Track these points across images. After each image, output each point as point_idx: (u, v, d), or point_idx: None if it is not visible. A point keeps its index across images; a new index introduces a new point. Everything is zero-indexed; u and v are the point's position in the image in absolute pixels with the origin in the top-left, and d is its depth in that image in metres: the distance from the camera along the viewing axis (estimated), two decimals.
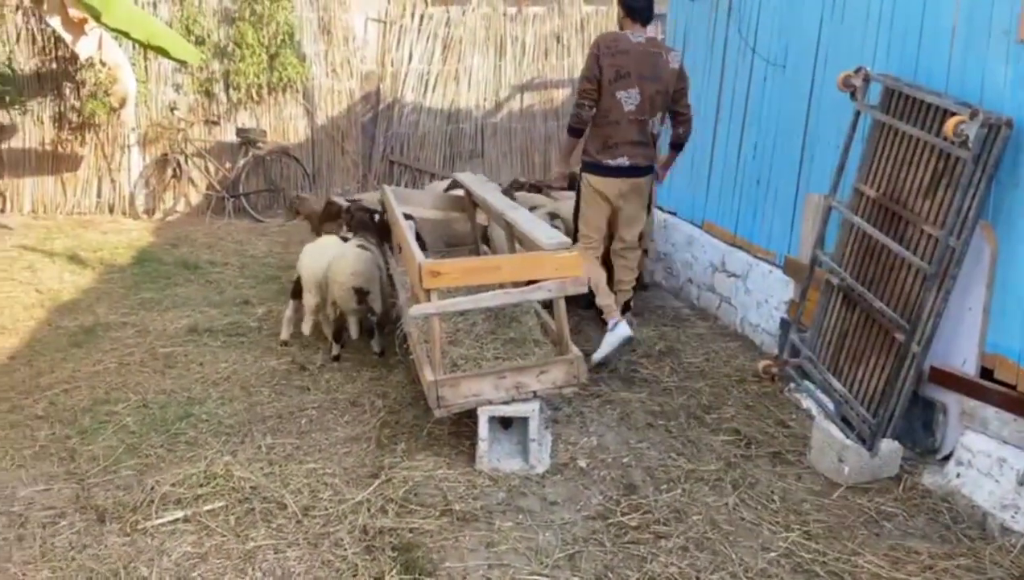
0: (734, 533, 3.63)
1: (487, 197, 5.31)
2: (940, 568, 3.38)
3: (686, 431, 4.54)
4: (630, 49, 5.19)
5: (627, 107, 5.20)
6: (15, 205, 9.90)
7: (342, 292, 5.37)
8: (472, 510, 3.78)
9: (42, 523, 3.76)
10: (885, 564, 3.39)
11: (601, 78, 5.14)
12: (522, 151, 11.23)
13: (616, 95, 5.15)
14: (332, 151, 10.82)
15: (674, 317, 6.34)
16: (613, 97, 5.17)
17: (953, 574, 3.35)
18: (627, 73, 5.16)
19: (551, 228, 4.25)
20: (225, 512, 3.80)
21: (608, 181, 5.35)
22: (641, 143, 5.33)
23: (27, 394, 5.06)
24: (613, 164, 5.31)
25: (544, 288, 3.99)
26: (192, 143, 10.14)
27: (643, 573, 3.34)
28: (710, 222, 6.61)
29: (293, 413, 4.82)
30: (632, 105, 5.21)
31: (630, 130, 5.25)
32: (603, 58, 5.14)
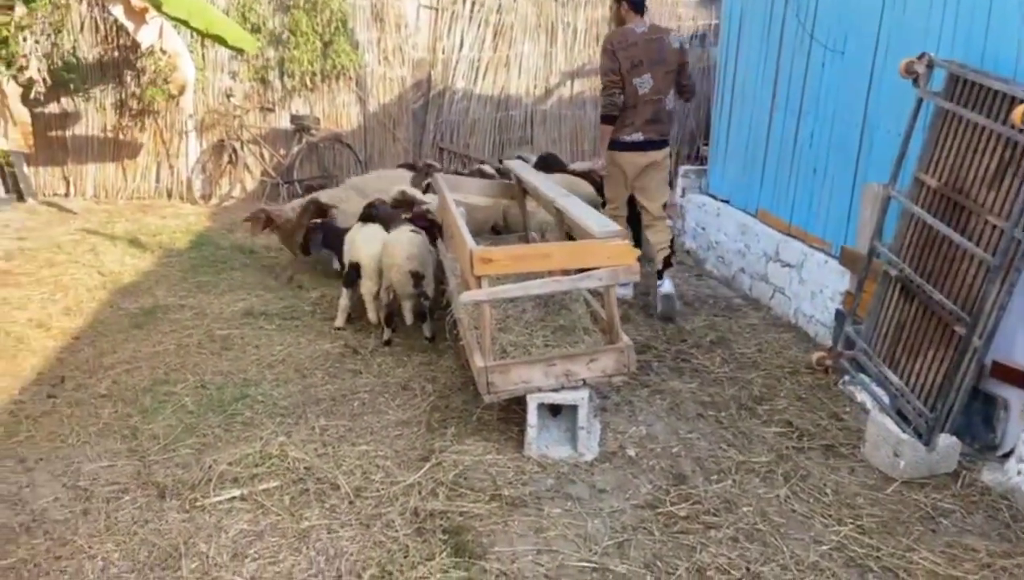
0: (785, 525, 3.60)
1: (538, 184, 5.31)
2: (999, 567, 3.31)
3: (737, 422, 4.51)
4: (637, 41, 5.88)
5: (642, 91, 5.90)
6: (78, 189, 10.19)
7: (399, 276, 5.47)
8: (521, 495, 3.81)
9: (106, 498, 3.89)
10: (941, 561, 3.33)
11: (620, 69, 5.82)
12: (572, 138, 11.19)
13: (633, 82, 5.86)
14: (383, 138, 10.91)
15: (726, 307, 6.27)
16: (631, 84, 5.88)
17: (1012, 573, 3.28)
18: (640, 62, 5.85)
19: (603, 217, 4.23)
20: (280, 492, 3.89)
21: (626, 155, 6.04)
22: (655, 121, 6.01)
23: (91, 373, 5.23)
24: (629, 140, 6.00)
25: (595, 276, 3.98)
26: (247, 130, 10.31)
27: (692, 563, 3.34)
28: (765, 211, 6.52)
29: (346, 396, 4.90)
30: (646, 88, 5.90)
31: (645, 110, 5.95)
32: (618, 52, 5.84)
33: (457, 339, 5.20)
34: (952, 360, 3.94)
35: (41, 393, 4.96)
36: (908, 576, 3.26)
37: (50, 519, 3.73)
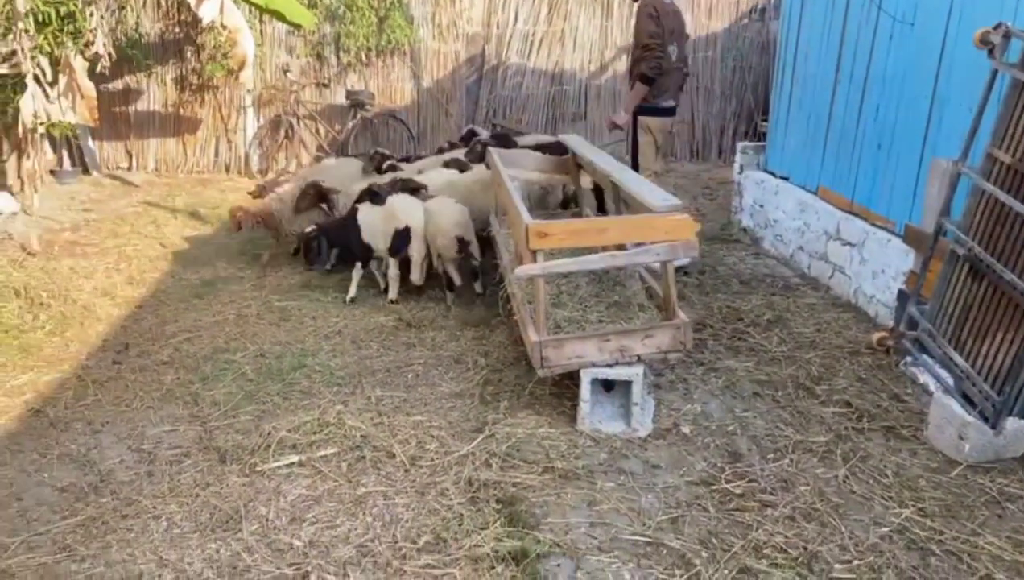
0: (844, 506, 3.53)
1: (593, 159, 5.26)
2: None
3: (794, 402, 4.43)
4: (669, 12, 6.26)
5: (673, 58, 6.27)
6: (140, 163, 10.43)
7: (446, 241, 5.75)
8: (574, 469, 3.81)
9: (169, 461, 4.01)
10: (1008, 547, 3.24)
11: (663, 34, 6.12)
12: None
13: (667, 49, 6.19)
14: (436, 113, 10.93)
15: (783, 286, 6.16)
16: (665, 51, 6.18)
17: None
18: (672, 31, 6.22)
19: (662, 190, 4.17)
20: (337, 458, 3.96)
21: (660, 120, 6.40)
22: (679, 89, 6.50)
23: (154, 341, 5.38)
24: (664, 105, 6.36)
25: (652, 251, 3.93)
26: (303, 105, 10.42)
27: (748, 541, 3.30)
28: (825, 188, 6.36)
29: (400, 367, 4.95)
30: (675, 56, 6.29)
31: (675, 77, 6.34)
32: (661, 19, 6.13)
33: (510, 314, 5.20)
34: (1023, 342, 3.80)
35: (107, 359, 5.11)
36: (972, 561, 3.18)
37: (116, 480, 3.85)
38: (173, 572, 3.19)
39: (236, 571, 3.19)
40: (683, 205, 4.01)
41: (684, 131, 11.17)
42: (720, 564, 3.17)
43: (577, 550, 3.25)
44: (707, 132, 11.25)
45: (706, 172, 10.56)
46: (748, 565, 3.17)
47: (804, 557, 3.21)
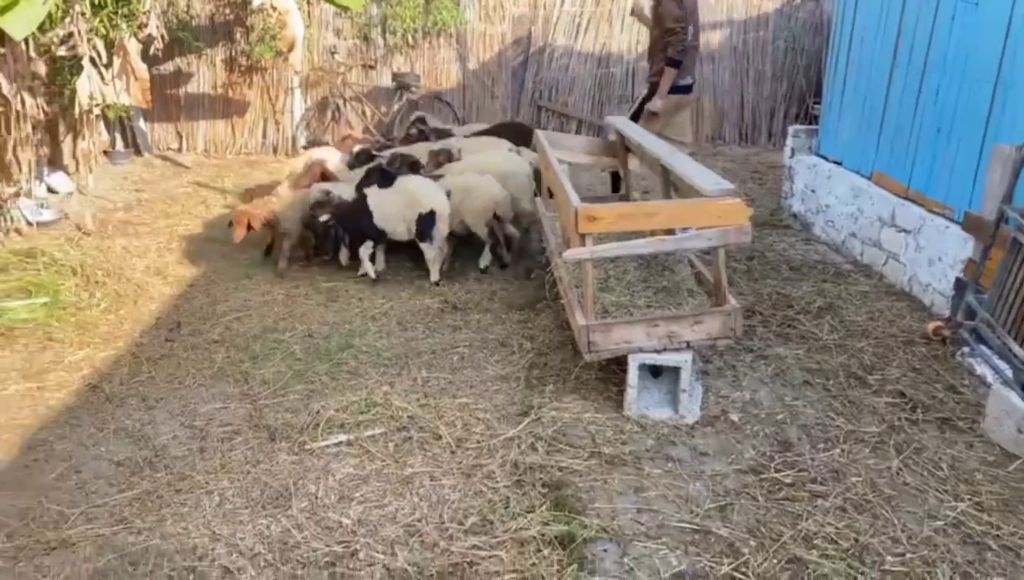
0: (897, 498, 3.47)
1: (642, 141, 5.20)
2: None
3: (846, 391, 4.35)
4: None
5: (690, 37, 6.34)
6: (190, 145, 10.59)
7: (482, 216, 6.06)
8: (620, 454, 3.79)
9: (220, 438, 4.08)
10: None
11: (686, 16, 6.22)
12: None
13: (688, 29, 6.27)
14: (482, 96, 10.90)
15: (834, 273, 6.04)
16: (687, 32, 6.27)
17: None
18: (692, 11, 6.37)
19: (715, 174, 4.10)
20: (384, 439, 4.00)
21: (683, 97, 6.52)
22: (694, 66, 6.62)
23: (204, 320, 5.47)
24: (685, 83, 6.45)
25: (704, 236, 3.88)
26: (350, 87, 10.46)
27: (797, 531, 3.26)
28: (880, 173, 6.21)
29: (446, 350, 4.97)
30: (692, 36, 6.38)
31: (691, 55, 6.49)
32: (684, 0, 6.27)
33: (556, 297, 5.18)
34: None
35: (159, 337, 5.22)
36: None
37: (170, 455, 3.94)
38: (226, 546, 3.26)
39: (287, 547, 3.25)
40: (735, 189, 3.95)
41: (733, 113, 10.99)
42: (769, 553, 3.14)
43: (624, 535, 3.24)
44: (757, 115, 11.05)
45: (755, 156, 10.39)
46: (797, 555, 3.13)
47: (855, 549, 3.16)
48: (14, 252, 6.11)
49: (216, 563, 3.17)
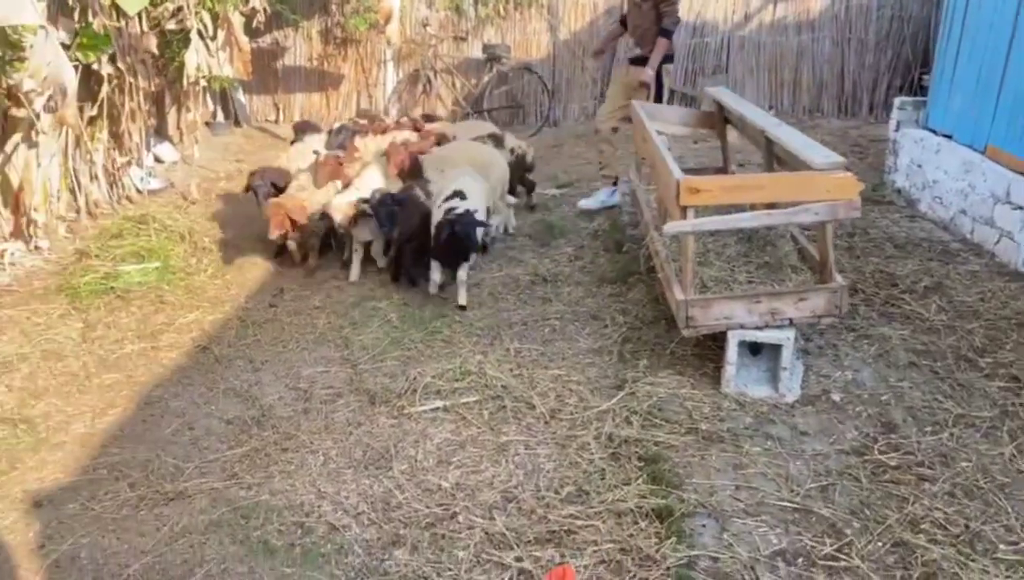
0: (1010, 485, 3.33)
1: (744, 112, 5.07)
2: None
3: (955, 373, 4.18)
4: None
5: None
6: (287, 116, 10.85)
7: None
8: (718, 431, 3.75)
9: (323, 399, 4.23)
10: None
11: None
12: (770, 67, 10.57)
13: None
14: (572, 67, 10.80)
15: (942, 251, 5.78)
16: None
17: None
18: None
19: (824, 147, 3.97)
20: (479, 406, 4.06)
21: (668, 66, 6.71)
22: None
23: (305, 286, 5.64)
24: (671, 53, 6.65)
25: (811, 210, 3.77)
26: (441, 59, 10.53)
27: (903, 514, 3.17)
28: (995, 147, 5.89)
29: (537, 321, 5.00)
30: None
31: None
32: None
33: (650, 271, 5.14)
34: None
35: (263, 302, 5.41)
36: None
37: (276, 415, 4.10)
38: (331, 504, 3.39)
39: (389, 507, 3.35)
40: (846, 162, 3.81)
41: (832, 85, 10.59)
42: (873, 536, 3.07)
43: (723, 512, 3.22)
44: (858, 86, 10.62)
45: (855, 129, 10.00)
46: (904, 539, 3.05)
47: (966, 535, 3.06)
48: (127, 218, 6.41)
49: (323, 520, 3.30)
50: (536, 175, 8.51)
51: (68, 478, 3.63)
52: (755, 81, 10.58)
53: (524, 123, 10.76)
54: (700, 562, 2.97)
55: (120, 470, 3.67)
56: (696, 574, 2.91)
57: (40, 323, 4.98)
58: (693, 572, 2.92)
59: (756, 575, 2.92)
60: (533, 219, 6.88)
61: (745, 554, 3.00)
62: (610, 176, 7.10)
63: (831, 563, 2.96)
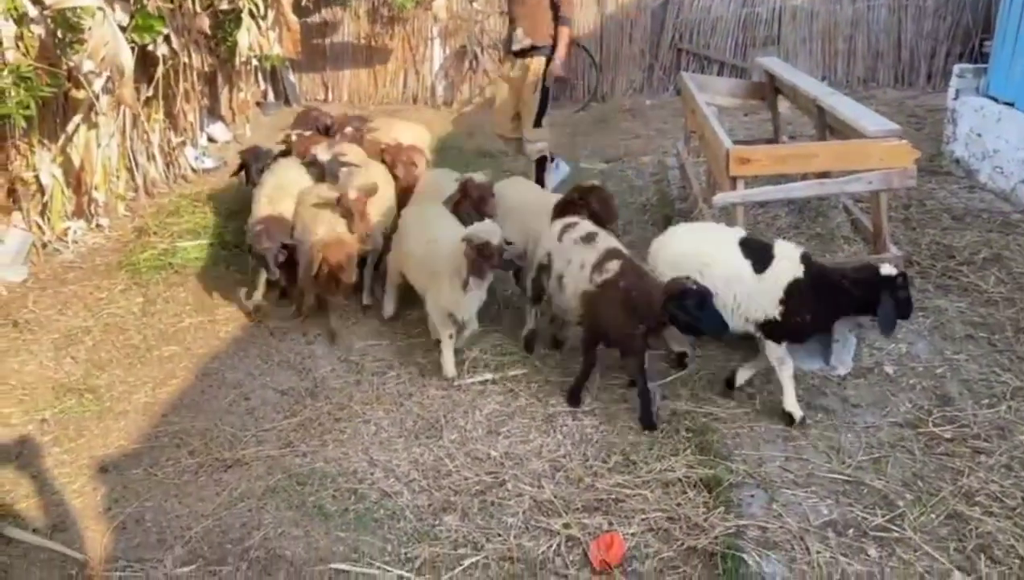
0: None
1: (797, 82, 4.98)
2: None
3: (1014, 346, 4.08)
4: None
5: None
6: (335, 95, 10.96)
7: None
8: (768, 403, 3.73)
9: (374, 372, 4.30)
10: None
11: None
12: (823, 36, 10.30)
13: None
14: (619, 39, 10.67)
15: (1002, 222, 5.61)
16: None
17: None
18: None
19: (879, 116, 3.89)
20: (526, 379, 4.10)
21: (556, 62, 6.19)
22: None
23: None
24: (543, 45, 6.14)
25: (864, 179, 3.70)
26: (488, 35, 10.49)
27: (957, 487, 3.13)
28: None
29: None
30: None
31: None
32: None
33: None
34: None
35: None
36: None
37: (329, 386, 4.19)
38: (383, 471, 3.46)
39: (439, 474, 3.41)
40: (900, 130, 3.73)
41: (889, 54, 10.29)
42: (927, 507, 3.04)
43: (771, 483, 3.21)
44: (915, 55, 10.29)
45: (912, 99, 9.71)
46: (958, 510, 3.02)
47: (1022, 508, 3.00)
48: (183, 196, 6.56)
49: (375, 486, 3.38)
50: (584, 149, 8.50)
51: (132, 445, 3.77)
52: (808, 51, 10.33)
53: (571, 98, 10.69)
54: (748, 531, 2.98)
55: (180, 438, 3.80)
56: (744, 543, 2.91)
57: (103, 298, 5.15)
58: (741, 541, 2.92)
59: (806, 545, 2.92)
60: None
61: (795, 524, 3.00)
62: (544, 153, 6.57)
63: (882, 534, 2.95)
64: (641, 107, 10.21)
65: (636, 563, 2.91)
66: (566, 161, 7.04)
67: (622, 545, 2.93)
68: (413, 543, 3.07)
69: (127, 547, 3.15)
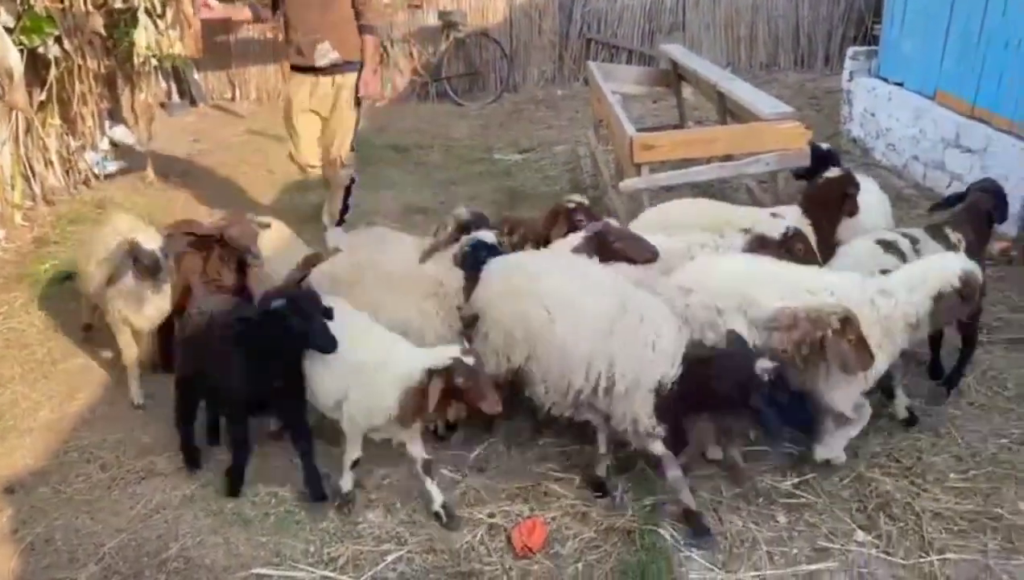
0: (960, 417, 3.46)
1: (697, 68, 5.12)
2: None
3: None
4: None
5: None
6: (243, 93, 10.72)
7: None
8: None
9: None
10: None
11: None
12: (727, 23, 10.61)
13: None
14: (530, 31, 10.75)
15: (896, 197, 5.88)
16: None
17: None
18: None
19: (774, 99, 4.04)
20: None
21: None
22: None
23: None
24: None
25: (762, 161, 3.84)
26: (398, 28, 10.42)
27: (857, 450, 3.29)
28: (944, 92, 6.01)
29: None
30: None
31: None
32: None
33: None
34: None
35: None
36: None
37: None
38: (303, 472, 3.42)
39: (361, 472, 3.39)
40: (794, 112, 3.88)
41: (788, 38, 10.66)
42: (831, 472, 3.18)
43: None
44: (813, 39, 10.70)
45: (811, 81, 10.09)
46: (861, 473, 3.17)
47: (918, 467, 3.18)
48: (84, 203, 6.34)
49: (295, 488, 3.34)
50: (497, 140, 8.55)
51: (38, 463, 3.63)
52: (712, 37, 10.63)
53: (484, 89, 10.72)
54: (665, 507, 3.06)
55: (90, 452, 3.67)
56: (660, 518, 3.00)
57: (2, 312, 4.93)
58: (658, 516, 3.01)
59: (719, 516, 3.02)
60: (495, 185, 6.90)
61: (708, 497, 3.10)
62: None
63: (790, 500, 3.08)
64: (553, 97, 10.33)
65: (558, 546, 2.96)
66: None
67: (544, 530, 2.98)
68: (335, 543, 3.06)
69: (36, 569, 3.04)
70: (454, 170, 7.58)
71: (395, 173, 7.54)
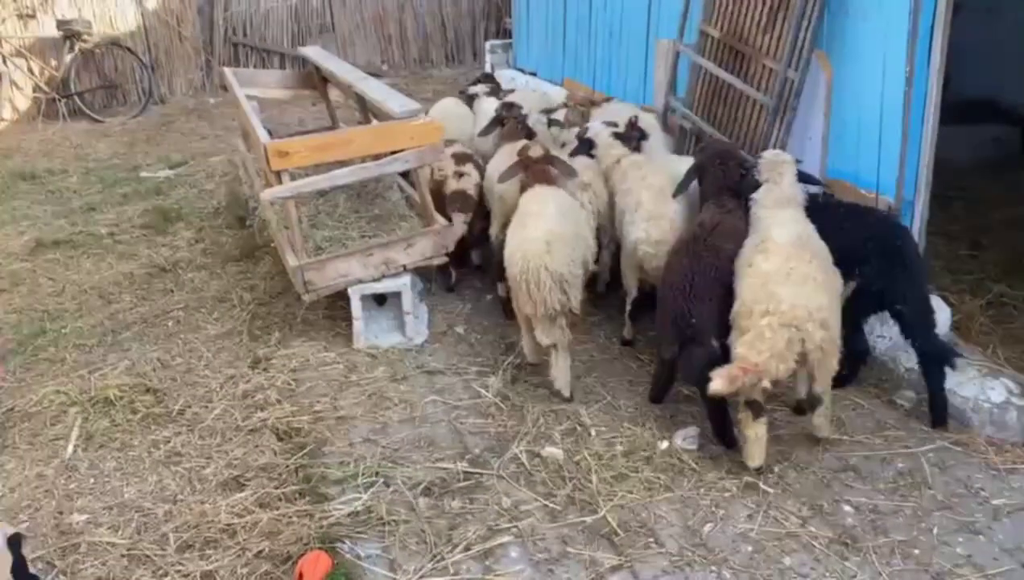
0: (605, 375, 3.80)
1: (335, 70, 5.07)
2: None
3: None
4: None
5: None
6: None
7: None
8: (356, 383, 3.80)
9: None
10: None
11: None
12: (376, 22, 10.71)
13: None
14: (168, 38, 10.00)
15: None
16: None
17: None
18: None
19: (404, 97, 4.10)
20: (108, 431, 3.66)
21: None
22: None
23: None
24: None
25: (401, 159, 3.89)
26: (7, 41, 9.14)
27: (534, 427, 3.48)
28: (570, 80, 6.57)
29: (159, 316, 4.64)
30: None
31: None
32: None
33: (270, 242, 5.00)
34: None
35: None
36: None
37: None
38: None
39: None
40: (422, 108, 3.98)
41: (437, 35, 11.04)
42: (501, 453, 3.33)
43: (369, 467, 3.26)
44: (459, 34, 11.18)
45: (463, 75, 10.54)
46: (532, 450, 3.35)
47: (582, 431, 3.43)
48: None
49: None
50: (146, 157, 7.90)
51: None
52: (363, 37, 10.67)
53: (126, 103, 9.81)
54: (359, 513, 3.00)
55: None
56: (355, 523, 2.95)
57: None
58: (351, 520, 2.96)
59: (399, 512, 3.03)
60: (143, 207, 6.33)
61: (390, 496, 3.10)
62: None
63: (465, 483, 3.17)
64: (206, 107, 9.75)
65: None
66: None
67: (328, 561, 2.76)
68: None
69: None
70: (95, 194, 6.83)
71: (22, 204, 6.63)
